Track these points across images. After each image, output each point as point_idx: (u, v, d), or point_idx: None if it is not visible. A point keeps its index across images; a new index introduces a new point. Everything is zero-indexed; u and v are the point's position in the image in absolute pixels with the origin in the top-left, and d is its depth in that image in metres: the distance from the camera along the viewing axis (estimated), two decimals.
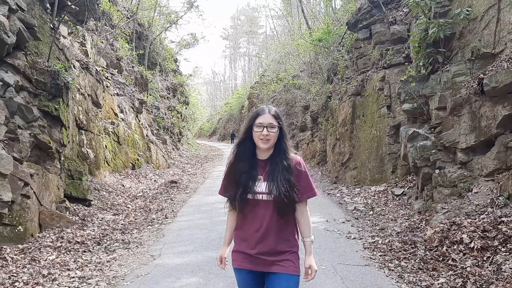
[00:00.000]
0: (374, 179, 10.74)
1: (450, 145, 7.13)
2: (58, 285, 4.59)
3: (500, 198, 5.72)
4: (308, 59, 21.28)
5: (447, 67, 7.70)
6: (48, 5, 8.55)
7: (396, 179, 9.85)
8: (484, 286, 4.09)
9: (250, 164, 2.47)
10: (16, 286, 4.48)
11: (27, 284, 4.55)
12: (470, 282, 4.23)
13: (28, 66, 7.00)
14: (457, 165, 7.02)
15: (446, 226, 5.63)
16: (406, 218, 7.31)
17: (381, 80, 10.88)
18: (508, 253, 4.43)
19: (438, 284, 4.37)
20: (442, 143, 7.27)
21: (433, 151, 7.37)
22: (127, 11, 21.61)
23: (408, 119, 8.95)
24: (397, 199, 8.90)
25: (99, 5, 12.55)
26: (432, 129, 7.72)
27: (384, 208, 8.48)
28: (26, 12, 7.09)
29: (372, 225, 7.26)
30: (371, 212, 8.31)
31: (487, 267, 4.41)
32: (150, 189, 11.91)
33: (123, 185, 11.61)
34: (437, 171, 7.23)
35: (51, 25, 8.44)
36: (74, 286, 4.55)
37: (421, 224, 6.54)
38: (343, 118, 12.69)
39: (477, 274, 4.34)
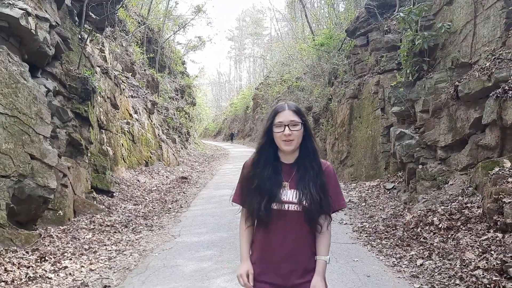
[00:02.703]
0: (369, 175, 11.71)
1: (432, 144, 8.11)
2: (99, 255, 5.62)
3: (469, 188, 6.70)
4: (311, 62, 22.25)
5: (430, 75, 8.67)
6: (76, 18, 9.61)
7: (388, 175, 10.81)
8: (444, 256, 5.07)
9: (273, 168, 2.17)
10: (65, 255, 5.51)
11: (74, 255, 5.58)
12: (435, 253, 5.22)
13: (63, 74, 8.05)
14: (437, 161, 8.00)
15: (423, 212, 6.62)
16: (393, 208, 8.29)
17: (376, 84, 11.85)
18: (466, 231, 5.41)
19: (409, 255, 5.37)
20: (425, 141, 8.25)
21: (417, 148, 8.35)
22: (138, 15, 22.71)
23: (398, 120, 9.93)
24: (388, 192, 9.86)
25: (117, 14, 13.59)
26: (417, 129, 8.70)
27: (375, 201, 9.45)
28: (60, 26, 8.15)
29: (363, 214, 8.25)
30: (364, 204, 9.29)
31: (450, 242, 5.39)
32: (163, 184, 12.95)
33: (138, 180, 12.65)
34: (420, 166, 8.22)
35: (79, 36, 9.50)
36: (113, 256, 5.59)
37: (404, 212, 7.53)
38: (341, 119, 13.67)
39: (441, 247, 5.32)
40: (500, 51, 7.23)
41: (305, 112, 16.94)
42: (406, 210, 7.57)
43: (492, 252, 4.59)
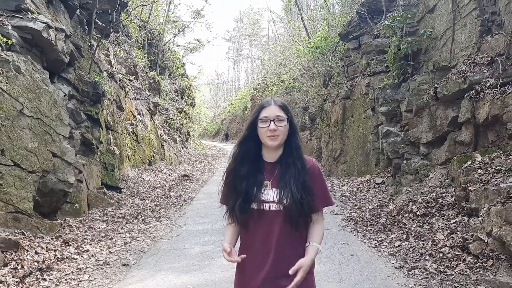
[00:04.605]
0: (360, 171, 12.43)
1: (415, 140, 8.84)
2: (115, 241, 6.34)
3: (446, 180, 7.43)
4: (307, 64, 22.95)
5: (414, 77, 9.40)
6: (86, 26, 10.32)
7: (378, 171, 11.53)
8: (419, 238, 5.80)
9: (254, 167, 2.10)
10: (85, 241, 6.22)
11: (93, 241, 6.29)
12: (411, 236, 5.95)
13: (76, 79, 8.76)
14: (420, 156, 8.73)
15: (405, 202, 7.35)
16: (380, 199, 9.01)
17: (367, 85, 12.57)
18: (440, 216, 6.14)
19: (389, 238, 6.10)
20: (409, 139, 8.98)
21: (402, 145, 9.08)
22: (139, 19, 23.41)
23: (386, 119, 10.65)
24: (378, 187, 10.58)
25: (121, 21, 14.29)
26: (402, 128, 9.43)
27: (365, 194, 10.17)
28: (73, 35, 8.85)
29: (353, 206, 8.97)
30: (354, 197, 10.01)
31: (425, 226, 6.12)
32: (166, 182, 13.66)
33: (143, 178, 13.36)
34: (404, 161, 8.95)
35: (89, 43, 10.20)
36: (127, 242, 6.30)
37: (389, 202, 8.25)
38: (335, 118, 14.40)
39: (417, 231, 6.05)
40: (475, 55, 7.96)
41: (301, 111, 17.62)
42: (391, 201, 8.29)
43: (458, 232, 5.32)
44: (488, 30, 7.94)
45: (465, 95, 7.38)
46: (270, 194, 2.05)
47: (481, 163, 6.40)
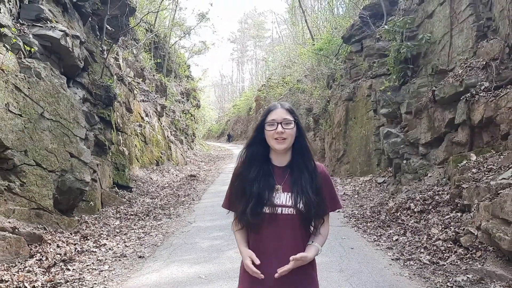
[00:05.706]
0: (363, 171, 12.79)
1: (414, 141, 9.19)
2: (130, 236, 6.74)
3: (444, 179, 7.78)
4: (310, 65, 23.32)
5: (414, 80, 9.76)
6: (97, 32, 10.75)
7: (380, 171, 11.89)
8: (416, 232, 6.17)
9: (263, 170, 2.10)
10: (102, 236, 6.63)
11: (109, 236, 6.70)
12: (408, 231, 6.31)
13: (90, 83, 9.18)
14: (419, 156, 9.08)
15: (404, 200, 7.71)
16: (381, 198, 9.37)
17: (369, 88, 12.92)
18: (435, 213, 6.49)
19: (388, 233, 6.46)
20: (408, 139, 9.33)
21: (402, 146, 9.44)
22: (145, 23, 23.87)
23: (387, 121, 11.01)
24: (379, 186, 10.94)
25: (129, 25, 14.72)
26: (402, 129, 9.78)
27: (367, 193, 10.53)
28: (87, 41, 9.28)
29: (355, 204, 9.33)
30: (356, 196, 10.38)
31: (421, 222, 6.48)
32: (174, 181, 14.07)
33: (151, 178, 13.78)
34: (404, 161, 9.30)
35: (100, 48, 10.63)
36: (141, 237, 6.71)
37: (389, 200, 8.61)
38: (338, 120, 14.76)
39: (414, 227, 6.42)
40: (471, 60, 8.31)
41: (306, 112, 18.02)
42: (391, 199, 8.65)
43: (451, 227, 5.67)
44: (483, 35, 8.28)
45: (461, 98, 7.72)
46: (282, 198, 2.05)
47: (475, 163, 6.75)
